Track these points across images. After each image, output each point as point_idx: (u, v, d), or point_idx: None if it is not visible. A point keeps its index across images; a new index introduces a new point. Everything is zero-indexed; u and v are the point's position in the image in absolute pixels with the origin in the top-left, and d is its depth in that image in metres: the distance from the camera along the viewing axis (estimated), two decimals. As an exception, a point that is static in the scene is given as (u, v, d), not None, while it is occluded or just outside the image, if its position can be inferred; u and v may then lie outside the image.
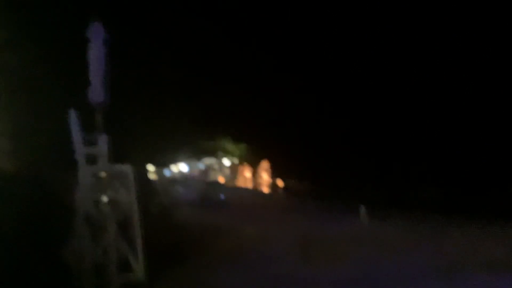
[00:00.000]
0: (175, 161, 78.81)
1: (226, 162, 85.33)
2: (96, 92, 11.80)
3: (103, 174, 11.73)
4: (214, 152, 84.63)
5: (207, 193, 38.95)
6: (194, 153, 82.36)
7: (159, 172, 64.11)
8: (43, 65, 15.24)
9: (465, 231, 19.20)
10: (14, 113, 15.52)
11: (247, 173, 78.78)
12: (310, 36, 61.38)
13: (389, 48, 52.64)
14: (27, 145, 15.88)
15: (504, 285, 11.05)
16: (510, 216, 22.33)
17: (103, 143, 11.57)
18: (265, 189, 62.85)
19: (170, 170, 79.27)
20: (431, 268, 12.95)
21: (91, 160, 11.65)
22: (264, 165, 76.58)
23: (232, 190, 53.77)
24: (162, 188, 39.62)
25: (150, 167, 59.84)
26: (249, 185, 70.56)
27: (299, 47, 66.05)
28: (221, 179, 75.19)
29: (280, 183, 71.51)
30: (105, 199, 11.27)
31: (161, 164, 65.41)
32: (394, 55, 52.05)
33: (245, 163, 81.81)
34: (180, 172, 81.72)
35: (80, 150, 11.07)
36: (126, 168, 11.59)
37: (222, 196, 37.27)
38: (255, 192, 56.58)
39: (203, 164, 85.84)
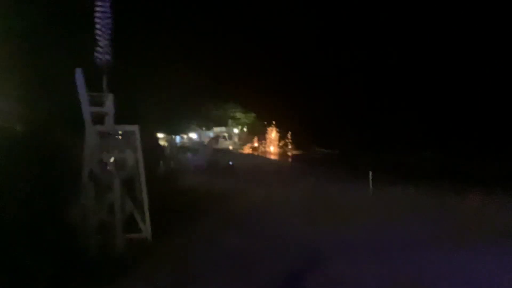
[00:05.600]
0: (186, 129, 79.19)
1: (236, 130, 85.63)
2: (103, 51, 11.76)
3: (110, 133, 11.78)
4: (224, 121, 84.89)
5: (216, 159, 39.27)
6: (204, 121, 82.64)
7: (170, 139, 64.61)
8: (49, 26, 15.13)
9: (469, 199, 19.09)
10: (23, 75, 15.55)
11: (256, 140, 79.05)
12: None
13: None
14: (36, 107, 15.94)
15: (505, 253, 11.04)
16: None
17: (110, 103, 11.58)
18: (275, 156, 62.99)
19: (181, 137, 79.80)
20: (434, 236, 12.92)
21: (98, 120, 11.71)
22: (274, 132, 76.70)
23: (241, 156, 54.03)
24: (172, 154, 39.91)
25: (161, 134, 60.26)
26: (259, 152, 70.73)
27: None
28: (231, 147, 75.56)
29: (289, 150, 71.65)
30: (111, 158, 11.35)
31: (172, 131, 65.81)
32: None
33: (255, 131, 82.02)
34: (190, 140, 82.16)
35: (86, 109, 11.05)
36: (133, 128, 11.59)
37: (230, 162, 37.50)
38: (264, 158, 56.69)
39: (213, 132, 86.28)
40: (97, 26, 11.73)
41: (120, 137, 12.04)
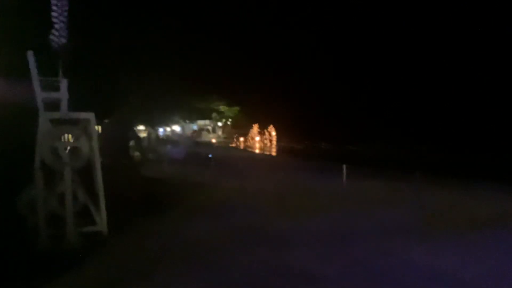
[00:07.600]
0: (168, 121, 78.59)
1: (219, 123, 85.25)
2: (59, 34, 11.14)
3: (65, 120, 11.16)
4: (208, 114, 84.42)
5: (196, 151, 38.86)
6: (188, 113, 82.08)
7: (150, 131, 64.07)
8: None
9: (445, 191, 18.97)
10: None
11: (240, 134, 78.67)
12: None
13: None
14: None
15: (481, 243, 10.74)
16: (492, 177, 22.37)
17: (64, 88, 10.97)
18: (257, 150, 62.65)
19: (164, 130, 79.22)
20: (409, 224, 12.69)
21: (52, 106, 11.11)
22: (257, 126, 76.39)
23: (222, 149, 53.65)
24: (150, 145, 39.36)
25: (142, 126, 59.56)
26: (242, 145, 70.36)
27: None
28: (214, 140, 75.12)
29: (271, 143, 71.44)
30: (65, 146, 10.75)
31: (154, 123, 65.21)
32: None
33: (238, 125, 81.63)
34: (173, 132, 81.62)
35: (38, 94, 10.46)
36: (88, 116, 11.00)
37: (210, 155, 37.05)
38: (246, 152, 56.35)
39: (197, 125, 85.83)
40: (53, 7, 11.10)
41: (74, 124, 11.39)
